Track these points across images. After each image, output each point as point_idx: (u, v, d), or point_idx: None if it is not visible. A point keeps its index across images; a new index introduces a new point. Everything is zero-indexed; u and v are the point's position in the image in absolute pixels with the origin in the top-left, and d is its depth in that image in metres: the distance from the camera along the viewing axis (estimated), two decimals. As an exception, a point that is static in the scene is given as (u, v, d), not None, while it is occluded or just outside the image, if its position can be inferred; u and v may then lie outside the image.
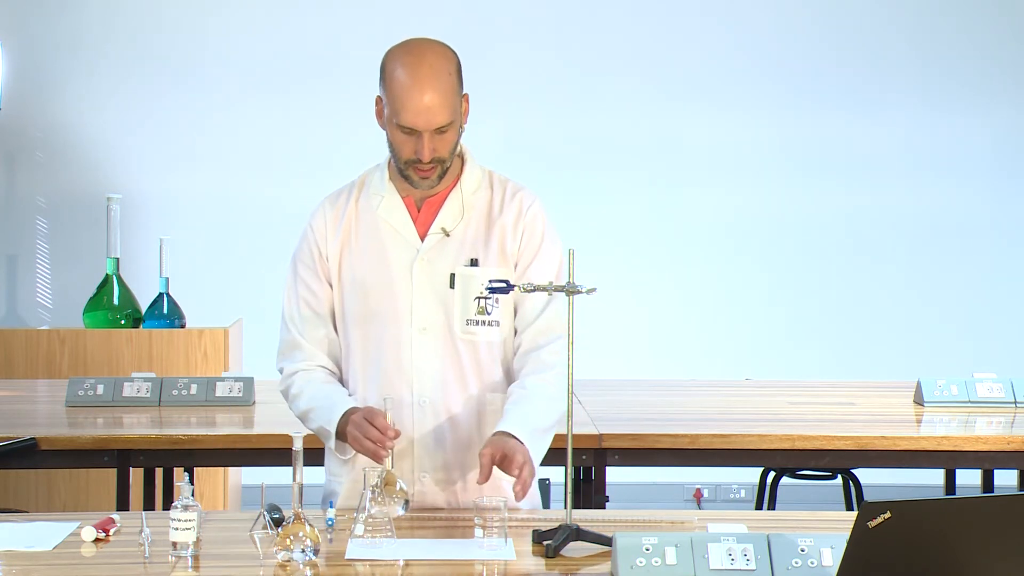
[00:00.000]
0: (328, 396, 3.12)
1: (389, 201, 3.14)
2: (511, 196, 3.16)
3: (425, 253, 3.11)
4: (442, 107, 2.99)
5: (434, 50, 3.03)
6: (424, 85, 2.98)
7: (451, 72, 3.02)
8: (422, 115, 2.98)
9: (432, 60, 3.01)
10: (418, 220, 3.13)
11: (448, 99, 3.00)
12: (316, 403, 3.12)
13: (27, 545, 2.78)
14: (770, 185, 7.00)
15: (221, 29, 6.86)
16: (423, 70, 2.99)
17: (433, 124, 2.99)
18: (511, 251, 3.12)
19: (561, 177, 6.81)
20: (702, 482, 6.95)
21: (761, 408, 4.46)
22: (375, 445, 2.93)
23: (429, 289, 3.10)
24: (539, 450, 3.04)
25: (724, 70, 6.95)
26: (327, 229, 3.16)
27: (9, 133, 6.82)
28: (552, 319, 3.11)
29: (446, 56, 3.04)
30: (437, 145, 3.02)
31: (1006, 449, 3.98)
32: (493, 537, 2.78)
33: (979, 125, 7.00)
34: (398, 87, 3.00)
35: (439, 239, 3.11)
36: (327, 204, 3.19)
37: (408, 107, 2.98)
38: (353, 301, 3.13)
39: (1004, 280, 7.04)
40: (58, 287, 6.86)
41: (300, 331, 3.17)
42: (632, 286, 6.91)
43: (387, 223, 3.13)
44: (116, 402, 4.37)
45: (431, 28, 7.02)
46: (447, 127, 3.01)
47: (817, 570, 2.53)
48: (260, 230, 6.80)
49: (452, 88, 3.01)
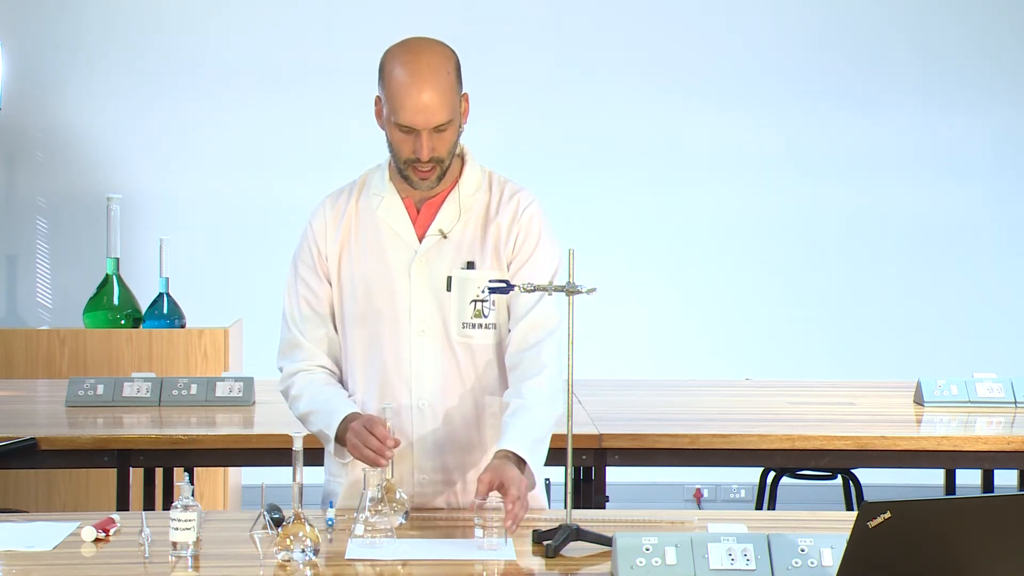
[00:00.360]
0: (328, 400, 3.11)
1: (389, 202, 3.13)
2: (508, 197, 3.15)
3: (423, 254, 3.10)
4: (441, 105, 2.98)
5: (432, 49, 3.03)
6: (422, 83, 2.97)
7: (449, 71, 3.01)
8: (420, 113, 2.97)
9: (430, 58, 3.00)
10: (417, 221, 3.13)
11: (447, 97, 2.99)
12: (316, 406, 3.11)
13: (27, 545, 2.78)
14: (770, 185, 7.00)
15: (221, 29, 6.86)
16: (421, 68, 2.98)
17: (431, 123, 2.99)
18: (504, 252, 3.11)
19: (560, 177, 6.81)
20: (702, 482, 6.95)
21: (761, 408, 4.46)
22: (374, 454, 2.92)
23: (427, 291, 3.09)
24: (539, 459, 3.02)
25: (724, 70, 6.95)
26: (327, 228, 3.15)
27: (9, 133, 6.82)
28: (543, 315, 3.08)
29: (444, 54, 3.03)
30: (436, 144, 3.01)
31: (1006, 449, 3.98)
32: (493, 537, 2.79)
33: (979, 125, 7.00)
34: (396, 86, 2.99)
35: (437, 241, 3.11)
36: (327, 203, 3.19)
37: (407, 105, 2.97)
38: (352, 301, 3.13)
39: (1004, 280, 7.04)
40: (58, 287, 6.86)
41: (301, 330, 3.17)
42: (632, 286, 6.91)
43: (386, 223, 3.13)
44: (116, 402, 4.37)
45: (431, 28, 7.01)
46: (446, 126, 3.00)
47: (817, 570, 2.53)
48: (260, 230, 6.80)
49: (451, 86, 3.01)
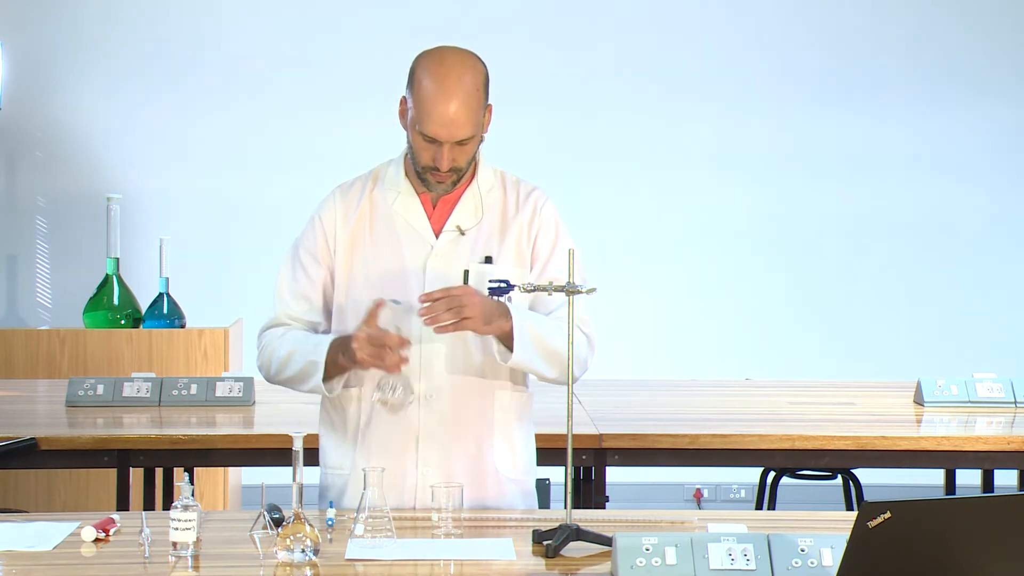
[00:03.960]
0: (309, 337, 3.12)
1: (405, 196, 3.15)
2: (525, 196, 3.18)
3: (439, 250, 3.12)
4: (466, 121, 3.01)
5: (464, 63, 3.04)
6: (450, 99, 2.99)
7: (478, 87, 3.04)
8: (445, 127, 3.00)
9: (461, 73, 3.02)
10: (433, 217, 3.15)
11: (472, 113, 3.02)
12: (298, 344, 3.11)
13: (27, 545, 2.78)
14: (770, 184, 7.00)
15: (221, 29, 6.86)
16: (451, 84, 3.00)
17: (455, 137, 3.01)
18: (526, 250, 3.15)
19: (560, 177, 6.80)
20: (702, 482, 6.95)
21: (761, 408, 4.46)
22: (394, 357, 2.93)
23: (441, 285, 3.08)
24: (523, 338, 3.01)
25: (725, 70, 6.95)
26: (336, 219, 3.16)
27: (9, 133, 6.82)
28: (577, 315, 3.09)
29: (476, 69, 3.05)
30: (456, 155, 3.04)
31: (1006, 449, 3.98)
32: (447, 527, 2.85)
33: (979, 124, 7.00)
34: (424, 96, 3.00)
35: (454, 237, 3.13)
36: (338, 194, 3.20)
37: (433, 118, 2.99)
38: (362, 293, 3.12)
39: (1004, 280, 7.04)
40: (58, 287, 6.86)
41: (289, 313, 3.18)
42: (632, 286, 6.90)
43: (402, 218, 3.14)
44: (116, 402, 4.37)
45: (431, 27, 7.01)
46: (468, 140, 3.04)
47: (817, 570, 2.53)
48: (260, 230, 6.80)
49: (478, 103, 3.03)
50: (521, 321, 3.02)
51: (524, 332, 3.01)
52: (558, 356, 3.04)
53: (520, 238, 3.15)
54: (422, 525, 2.97)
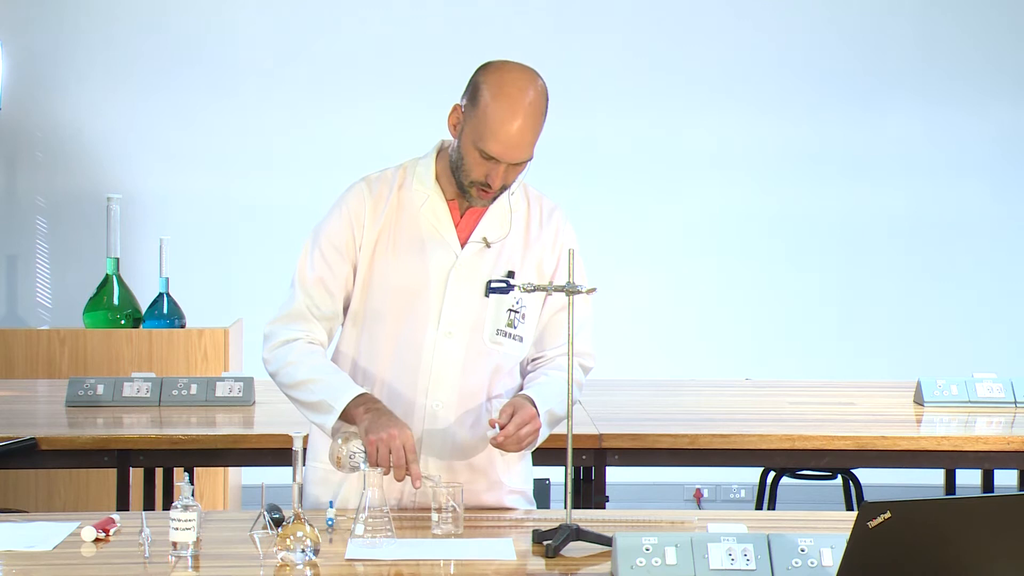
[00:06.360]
0: (336, 372, 3.05)
1: (434, 202, 3.09)
2: (548, 215, 3.17)
3: (463, 261, 3.09)
4: (529, 143, 2.97)
5: (535, 85, 2.98)
6: (516, 120, 2.94)
7: (544, 112, 3.00)
8: (510, 150, 2.95)
9: (533, 97, 2.96)
10: (459, 225, 3.10)
11: (536, 137, 2.99)
12: (320, 376, 3.03)
13: (27, 545, 2.78)
14: (770, 184, 7.00)
15: (221, 29, 6.86)
16: (523, 107, 2.95)
17: (516, 159, 2.97)
18: (548, 270, 3.14)
19: (560, 177, 6.80)
20: (702, 482, 6.95)
21: (761, 408, 4.46)
22: (400, 472, 2.90)
23: (462, 296, 3.07)
24: (545, 431, 3.04)
25: (725, 70, 6.95)
26: (365, 215, 3.09)
27: (9, 133, 6.82)
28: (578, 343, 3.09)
29: (544, 93, 2.99)
30: (509, 175, 3.01)
31: (1006, 449, 3.98)
32: (448, 524, 2.84)
33: (980, 124, 7.00)
34: (492, 115, 2.94)
35: (479, 248, 3.10)
36: (365, 188, 3.12)
37: (499, 139, 2.94)
38: (380, 298, 3.08)
39: (1004, 280, 7.04)
40: (58, 287, 6.86)
41: (312, 304, 3.09)
42: (632, 286, 6.91)
43: (430, 224, 3.09)
44: (116, 402, 4.37)
45: (430, 27, 7.01)
46: (525, 161, 3.00)
47: (817, 570, 2.53)
48: (260, 230, 6.81)
49: (541, 125, 3.00)
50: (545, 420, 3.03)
51: (546, 425, 3.04)
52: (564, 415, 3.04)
53: (543, 257, 3.13)
54: (422, 525, 2.97)
